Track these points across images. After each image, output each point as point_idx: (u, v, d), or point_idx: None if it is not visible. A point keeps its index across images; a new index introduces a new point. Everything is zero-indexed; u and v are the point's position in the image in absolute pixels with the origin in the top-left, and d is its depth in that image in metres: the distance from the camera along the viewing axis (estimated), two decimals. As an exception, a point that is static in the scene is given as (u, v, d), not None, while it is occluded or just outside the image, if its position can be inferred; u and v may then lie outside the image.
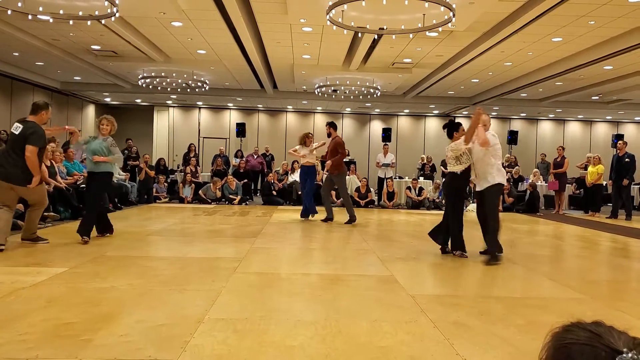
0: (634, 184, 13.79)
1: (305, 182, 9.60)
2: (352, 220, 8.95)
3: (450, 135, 6.07)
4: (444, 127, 6.31)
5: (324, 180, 9.89)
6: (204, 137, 20.37)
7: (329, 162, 9.06)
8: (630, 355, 0.75)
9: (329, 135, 9.36)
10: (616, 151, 12.39)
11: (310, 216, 9.45)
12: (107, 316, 3.24)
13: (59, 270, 4.52)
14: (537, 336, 3.02)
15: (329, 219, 9.13)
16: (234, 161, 15.80)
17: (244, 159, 15.39)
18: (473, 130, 5.59)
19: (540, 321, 3.39)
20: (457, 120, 20.60)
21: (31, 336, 2.82)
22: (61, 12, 7.78)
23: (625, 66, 11.70)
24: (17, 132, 5.44)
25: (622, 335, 0.80)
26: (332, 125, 9.46)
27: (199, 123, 20.62)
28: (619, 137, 15.29)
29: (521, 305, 3.84)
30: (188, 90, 15.51)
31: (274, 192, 13.44)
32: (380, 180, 13.94)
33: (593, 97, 16.26)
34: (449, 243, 5.98)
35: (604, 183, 13.23)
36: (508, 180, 13.35)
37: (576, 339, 0.82)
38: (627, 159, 11.76)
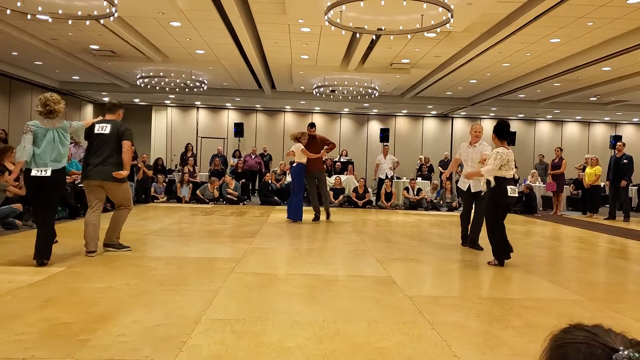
0: (631, 185, 13.83)
1: (299, 183, 9.18)
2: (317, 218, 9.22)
3: (503, 137, 5.53)
4: (503, 127, 5.54)
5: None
6: (202, 137, 20.35)
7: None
8: (626, 352, 0.76)
9: (313, 136, 9.27)
10: (614, 152, 12.41)
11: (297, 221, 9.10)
12: (104, 316, 3.24)
13: (56, 270, 4.51)
14: (535, 338, 3.03)
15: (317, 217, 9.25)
16: (231, 161, 15.79)
17: (241, 159, 15.38)
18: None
19: (538, 323, 3.39)
20: (454, 120, 20.74)
21: (28, 336, 2.82)
22: (60, 12, 7.77)
23: (624, 67, 11.72)
24: (107, 132, 5.44)
25: (619, 336, 0.81)
26: (312, 126, 9.47)
27: (197, 123, 20.61)
28: (617, 138, 15.31)
29: (519, 306, 3.84)
30: (186, 90, 15.50)
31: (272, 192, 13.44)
32: (381, 182, 13.92)
33: (591, 98, 16.29)
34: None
35: (602, 184, 13.25)
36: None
37: (573, 339, 0.82)
38: (625, 160, 11.78)
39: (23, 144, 4.85)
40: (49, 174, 4.79)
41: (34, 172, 4.79)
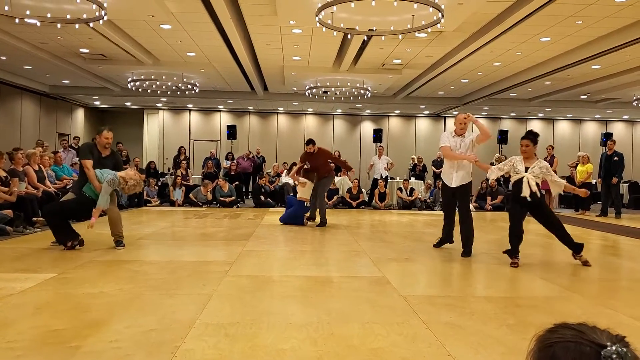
0: (622, 182, 13.92)
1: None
2: (323, 223, 8.89)
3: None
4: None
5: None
6: (194, 140, 20.29)
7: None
8: (614, 348, 0.77)
9: (313, 152, 9.03)
10: (605, 150, 12.49)
11: (310, 221, 9.09)
12: (97, 322, 3.21)
13: (48, 275, 4.47)
14: (529, 336, 3.02)
15: (323, 223, 8.92)
16: (224, 163, 15.75)
17: (234, 161, 15.34)
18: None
19: (532, 320, 3.40)
20: (447, 120, 20.79)
21: (19, 344, 2.79)
22: (49, 15, 7.70)
23: (613, 65, 11.80)
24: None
25: (604, 332, 0.82)
26: (314, 143, 9.18)
27: (189, 126, 20.54)
28: (607, 135, 15.42)
29: (513, 304, 3.85)
30: (178, 93, 15.41)
31: (265, 194, 13.41)
32: (375, 182, 13.93)
33: (582, 96, 16.38)
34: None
35: (594, 181, 13.33)
36: (498, 179, 13.43)
37: (561, 338, 0.83)
38: (615, 158, 11.85)
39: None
40: None
41: None
